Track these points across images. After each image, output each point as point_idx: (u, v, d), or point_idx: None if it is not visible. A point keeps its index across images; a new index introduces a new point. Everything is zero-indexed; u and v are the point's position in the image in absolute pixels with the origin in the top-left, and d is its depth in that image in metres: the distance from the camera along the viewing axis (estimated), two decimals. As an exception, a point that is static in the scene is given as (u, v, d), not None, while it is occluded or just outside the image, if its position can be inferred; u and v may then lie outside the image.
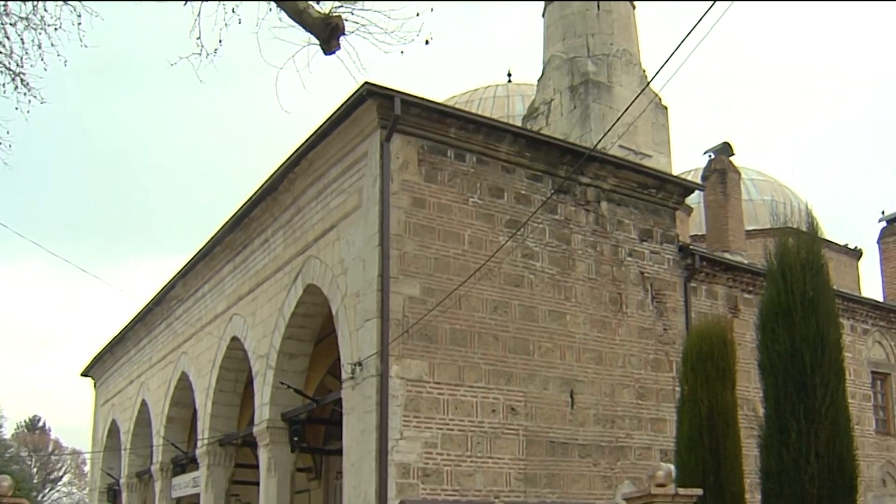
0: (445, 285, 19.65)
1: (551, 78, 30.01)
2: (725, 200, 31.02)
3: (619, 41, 29.87)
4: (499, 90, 40.41)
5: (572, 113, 28.82)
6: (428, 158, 20.23)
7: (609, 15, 30.15)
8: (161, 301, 31.70)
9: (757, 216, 38.16)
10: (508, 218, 20.98)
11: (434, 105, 20.59)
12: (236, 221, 25.34)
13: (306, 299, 22.50)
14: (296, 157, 22.01)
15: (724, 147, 32.22)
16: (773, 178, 43.04)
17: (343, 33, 11.22)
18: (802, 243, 16.38)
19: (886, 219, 35.98)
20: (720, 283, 25.21)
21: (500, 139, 21.12)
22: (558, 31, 30.41)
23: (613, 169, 22.83)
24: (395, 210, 19.52)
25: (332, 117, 20.45)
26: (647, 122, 28.67)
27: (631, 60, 29.87)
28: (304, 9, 11.15)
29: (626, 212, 23.02)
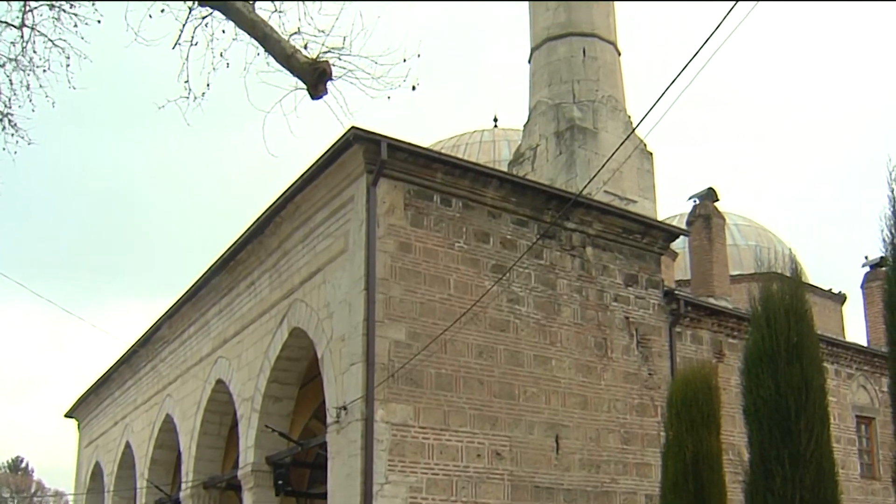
0: (431, 329, 19.67)
1: (537, 123, 30.20)
2: (710, 246, 31.16)
3: (604, 87, 30.09)
4: (485, 135, 40.62)
5: (558, 158, 28.98)
6: (414, 203, 20.31)
7: (595, 62, 30.38)
8: (146, 343, 31.63)
9: (742, 261, 38.30)
10: (494, 263, 21.04)
11: (420, 150, 20.69)
12: (222, 264, 25.36)
13: (292, 343, 22.49)
14: (282, 201, 22.07)
15: (709, 193, 32.40)
16: (758, 224, 43.26)
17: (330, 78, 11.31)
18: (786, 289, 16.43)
19: (869, 264, 36.19)
20: (705, 328, 25.26)
21: (487, 184, 21.22)
22: (544, 77, 30.63)
23: (599, 214, 22.93)
24: (382, 254, 19.57)
25: (319, 161, 20.54)
26: (632, 167, 28.84)
27: (616, 107, 30.08)
28: (292, 54, 11.25)
29: (611, 257, 23.10)
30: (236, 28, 11.52)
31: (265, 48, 11.34)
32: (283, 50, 11.23)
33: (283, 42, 11.30)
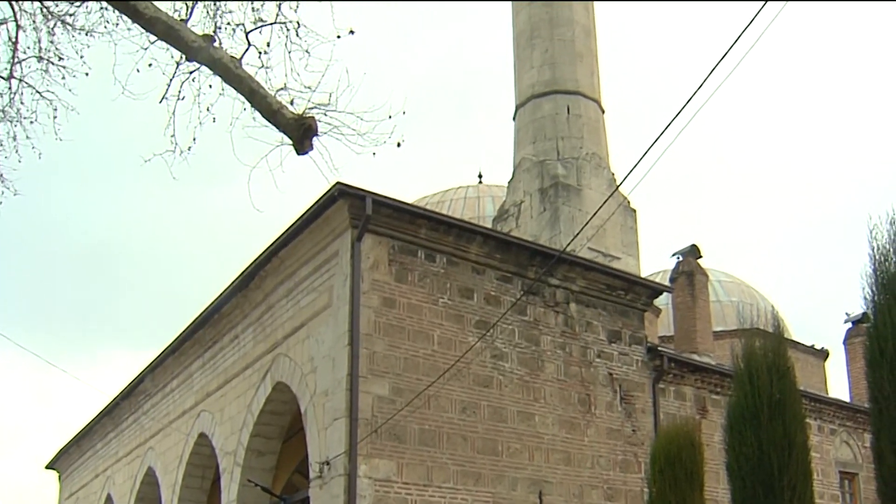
0: (415, 385, 19.66)
1: (522, 180, 30.36)
2: (693, 302, 31.24)
3: (588, 145, 30.30)
4: (470, 191, 40.78)
5: (542, 215, 29.11)
6: (398, 258, 20.37)
7: (579, 119, 30.62)
8: (129, 395, 31.48)
9: (725, 317, 38.41)
10: (478, 319, 21.08)
11: (405, 206, 20.79)
12: (206, 317, 25.34)
13: (275, 397, 22.43)
14: (267, 255, 22.11)
15: (692, 249, 32.53)
16: (741, 280, 43.42)
17: (316, 134, 11.39)
18: (769, 346, 16.51)
19: (851, 319, 36.33)
20: (688, 385, 25.28)
21: (471, 240, 21.30)
22: (529, 135, 30.84)
23: (582, 271, 23.01)
24: (366, 309, 19.60)
25: (304, 216, 20.61)
26: (615, 224, 28.98)
27: (600, 164, 30.28)
28: (278, 109, 11.33)
29: (594, 313, 23.16)
30: (223, 83, 11.61)
31: (251, 103, 11.43)
32: (269, 105, 11.31)
33: (270, 97, 11.39)
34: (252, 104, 11.43)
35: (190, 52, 11.22)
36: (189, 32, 11.21)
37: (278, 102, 11.40)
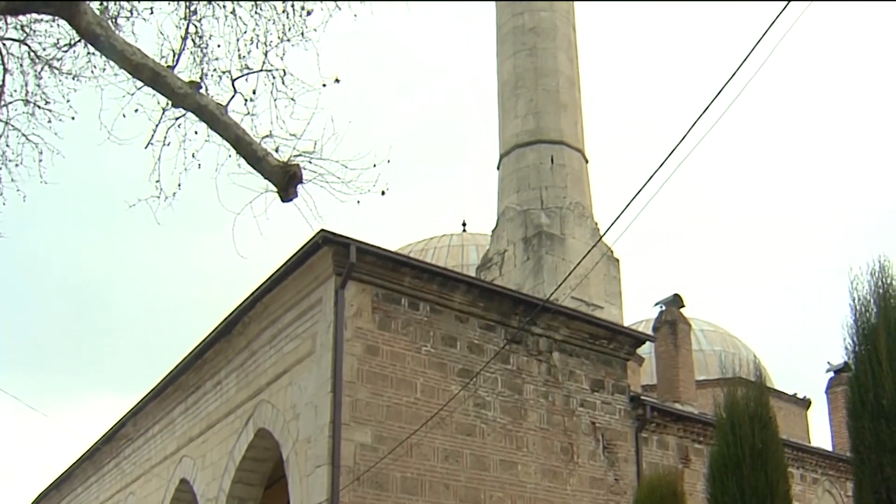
0: (397, 433, 19.62)
1: (505, 229, 30.45)
2: (676, 351, 31.30)
3: (572, 194, 30.43)
4: (454, 239, 40.85)
5: (525, 264, 29.18)
6: (382, 306, 20.40)
7: (562, 169, 30.76)
8: (110, 440, 31.30)
9: (707, 366, 38.46)
10: (461, 367, 21.08)
11: (389, 254, 20.85)
12: (189, 362, 25.28)
13: (257, 443, 22.35)
14: (251, 301, 22.11)
15: (675, 299, 32.64)
16: (723, 330, 43.54)
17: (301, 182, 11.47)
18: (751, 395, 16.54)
19: (833, 369, 36.42)
20: (671, 434, 25.27)
21: (454, 289, 21.35)
22: (513, 184, 30.96)
23: (566, 320, 23.06)
24: (349, 357, 19.60)
25: (288, 263, 20.64)
26: (599, 274, 29.05)
27: (584, 213, 30.39)
28: (264, 156, 11.41)
29: (577, 362, 23.18)
30: (209, 129, 11.69)
31: (237, 150, 11.51)
32: (254, 152, 11.39)
33: (255, 144, 11.48)
34: (237, 151, 11.51)
35: (176, 98, 11.31)
36: (175, 79, 11.31)
37: (263, 150, 11.48)
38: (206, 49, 13.10)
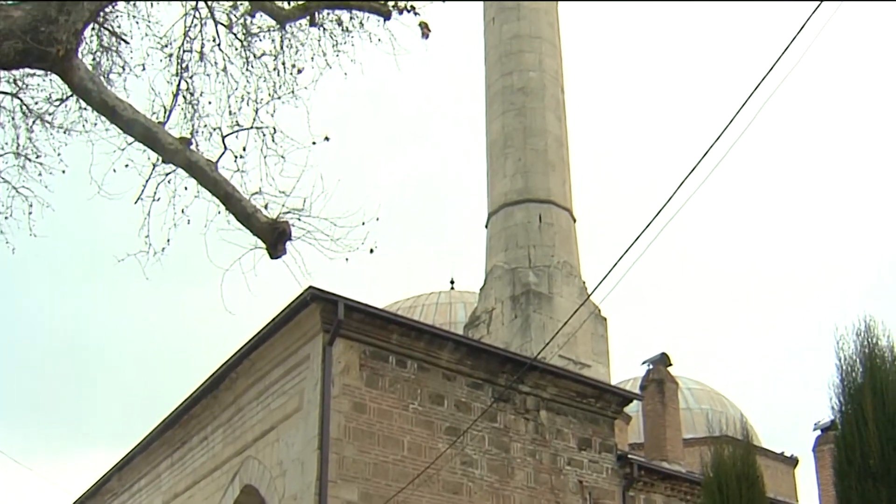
0: (384, 491, 19.54)
1: (493, 287, 30.49)
2: (663, 410, 31.29)
3: (559, 253, 30.51)
4: (442, 297, 40.87)
5: (513, 322, 29.20)
6: (370, 363, 20.40)
7: (550, 228, 30.88)
8: (95, 494, 31.04)
9: (695, 425, 38.41)
10: (448, 425, 21.05)
11: (377, 311, 20.89)
12: (176, 417, 25.17)
13: (243, 500, 22.21)
14: (238, 357, 22.08)
15: (662, 358, 32.67)
16: (710, 388, 43.53)
17: (290, 239, 11.53)
18: (738, 454, 16.56)
19: (821, 427, 36.37)
20: (658, 492, 25.18)
21: (442, 346, 21.36)
22: (501, 242, 31.05)
23: (553, 378, 23.06)
24: (336, 414, 19.56)
25: (276, 319, 20.65)
26: (586, 332, 29.08)
27: (571, 272, 30.47)
28: (253, 213, 11.47)
29: (565, 421, 23.14)
30: (199, 186, 11.75)
31: (226, 206, 11.57)
32: (244, 209, 11.45)
33: (245, 201, 11.54)
34: (227, 207, 11.57)
35: (167, 154, 11.39)
36: (166, 135, 11.39)
37: (253, 206, 11.55)
38: (197, 105, 13.21)
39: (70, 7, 9.86)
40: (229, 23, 13.96)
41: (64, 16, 9.83)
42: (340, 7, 13.26)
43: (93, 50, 13.84)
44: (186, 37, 13.72)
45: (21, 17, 9.68)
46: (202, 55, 13.64)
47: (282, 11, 13.23)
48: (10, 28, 9.58)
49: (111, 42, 14.06)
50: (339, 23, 13.56)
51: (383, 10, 12.95)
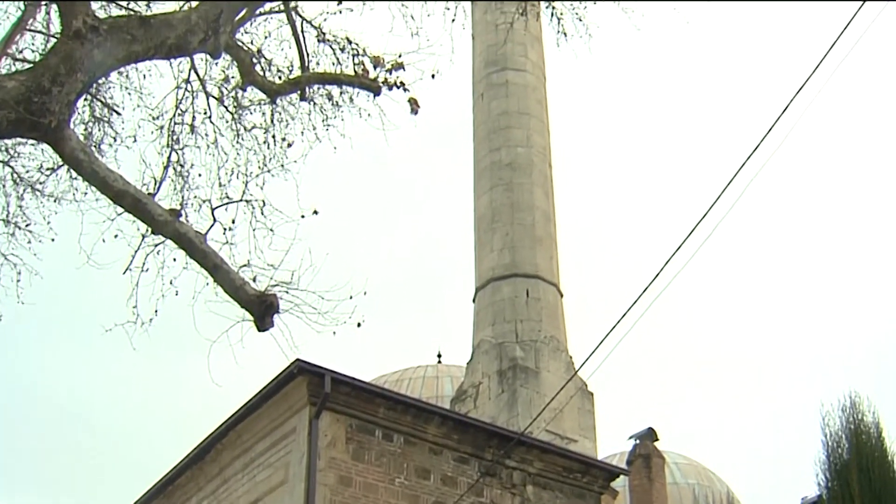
0: (369, 565, 19.39)
1: (480, 361, 30.49)
2: (650, 485, 31.13)
3: (547, 328, 30.56)
4: (429, 371, 40.81)
5: (500, 397, 29.16)
6: (356, 437, 20.31)
7: (537, 302, 30.94)
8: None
9: (682, 500, 38.20)
10: (434, 500, 20.91)
11: (364, 385, 20.85)
12: (161, 488, 24.95)
13: (227, 574, 22.03)
14: (224, 429, 21.97)
15: (649, 433, 32.56)
16: (697, 462, 43.37)
17: (277, 312, 11.57)
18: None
19: (807, 503, 36.24)
20: (645, 571, 25.06)
21: (429, 420, 21.30)
22: (488, 317, 31.10)
23: (539, 453, 22.96)
24: (322, 487, 19.43)
25: (263, 392, 20.59)
26: (573, 407, 29.05)
27: (558, 347, 30.49)
28: (241, 285, 11.52)
29: (551, 496, 23.01)
30: (187, 257, 11.82)
31: (215, 279, 11.62)
32: (232, 281, 11.50)
33: (233, 274, 11.59)
34: (215, 279, 11.62)
35: (156, 225, 11.45)
36: (156, 206, 11.46)
37: (241, 279, 11.60)
38: (187, 177, 13.34)
39: (63, 78, 9.96)
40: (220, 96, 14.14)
41: (57, 87, 9.92)
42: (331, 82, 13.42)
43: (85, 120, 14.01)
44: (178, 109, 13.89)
45: (14, 87, 9.77)
46: (193, 127, 13.80)
47: (273, 86, 13.41)
48: (3, 98, 9.66)
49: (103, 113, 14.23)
50: (329, 97, 13.75)
51: (373, 85, 13.12)
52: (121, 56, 10.64)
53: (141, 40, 10.68)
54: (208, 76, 14.48)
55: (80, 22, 10.27)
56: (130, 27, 10.73)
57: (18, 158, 13.40)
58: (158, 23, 10.93)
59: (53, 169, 13.30)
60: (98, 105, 14.48)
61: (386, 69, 13.09)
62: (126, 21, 10.99)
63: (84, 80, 10.31)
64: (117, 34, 10.53)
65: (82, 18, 10.31)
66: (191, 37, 11.01)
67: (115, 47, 10.46)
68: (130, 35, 10.63)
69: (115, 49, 10.47)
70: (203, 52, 11.88)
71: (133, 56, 10.81)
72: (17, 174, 13.41)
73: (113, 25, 10.64)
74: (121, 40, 10.53)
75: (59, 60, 10.06)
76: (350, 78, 13.33)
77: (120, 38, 10.53)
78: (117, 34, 10.53)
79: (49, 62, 10.15)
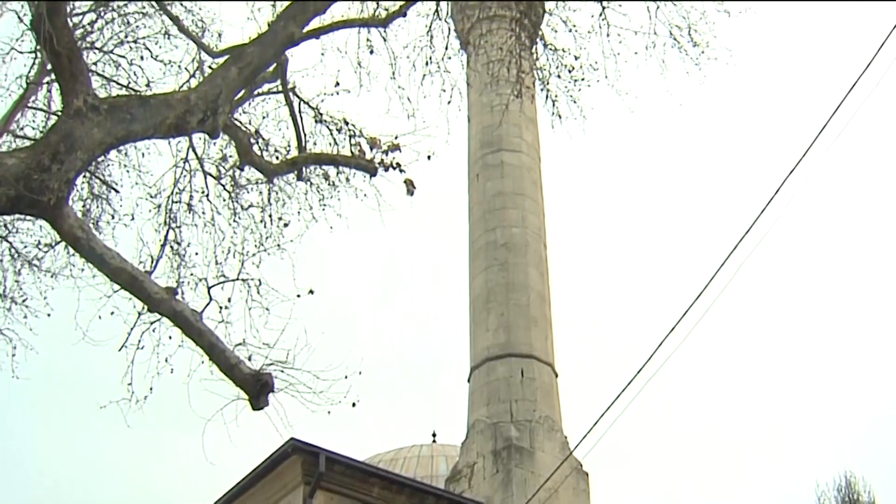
0: None
1: (475, 441, 30.34)
2: (645, 570, 30.92)
3: (541, 408, 30.44)
4: (423, 450, 40.56)
5: (495, 476, 28.98)
6: (350, 516, 20.20)
7: (532, 382, 30.87)
8: None
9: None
10: (428, 578, 20.78)
11: (358, 464, 20.77)
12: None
13: None
14: (217, 510, 21.85)
15: (645, 516, 32.43)
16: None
17: (272, 391, 11.56)
18: None
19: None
20: None
21: (423, 500, 21.21)
22: (483, 397, 31.00)
23: (534, 534, 22.85)
24: (314, 568, 19.31)
25: (257, 470, 20.48)
26: (568, 487, 28.85)
27: (553, 427, 30.37)
28: (236, 364, 11.52)
29: (546, 578, 22.85)
30: (183, 335, 11.83)
31: (210, 357, 11.62)
32: (227, 360, 11.51)
33: (228, 352, 11.60)
34: (210, 358, 11.63)
35: (152, 303, 11.49)
36: (152, 284, 11.50)
37: (236, 357, 11.61)
38: (184, 256, 13.40)
39: (63, 156, 10.04)
40: (218, 174, 14.25)
41: (57, 164, 9.99)
42: (327, 163, 13.54)
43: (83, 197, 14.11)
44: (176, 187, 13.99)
45: (15, 164, 9.85)
46: (190, 206, 13.89)
47: (270, 165, 13.52)
48: (2, 175, 9.73)
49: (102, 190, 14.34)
50: (325, 177, 13.86)
51: (369, 166, 13.24)
52: (120, 135, 10.73)
53: (140, 120, 10.78)
54: (206, 155, 14.61)
55: (81, 101, 10.39)
56: (130, 107, 10.84)
57: (17, 234, 13.50)
58: (158, 103, 11.04)
59: (51, 245, 13.38)
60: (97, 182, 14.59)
61: (382, 150, 13.21)
62: (126, 100, 11.10)
63: (83, 159, 10.39)
64: (117, 113, 10.63)
65: (83, 97, 10.43)
66: (189, 117, 11.12)
67: (114, 126, 10.56)
68: (130, 114, 10.73)
69: (115, 128, 10.57)
70: (201, 132, 11.98)
71: (132, 135, 10.91)
72: (14, 249, 13.50)
73: (113, 105, 10.75)
74: (120, 119, 10.63)
75: (60, 138, 10.14)
76: (347, 159, 13.44)
77: (120, 118, 10.63)
78: (117, 113, 10.63)
79: (49, 140, 10.23)
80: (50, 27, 10.15)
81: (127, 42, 15.70)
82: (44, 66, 14.92)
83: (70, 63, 10.51)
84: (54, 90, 14.41)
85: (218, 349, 11.54)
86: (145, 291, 11.39)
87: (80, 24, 15.37)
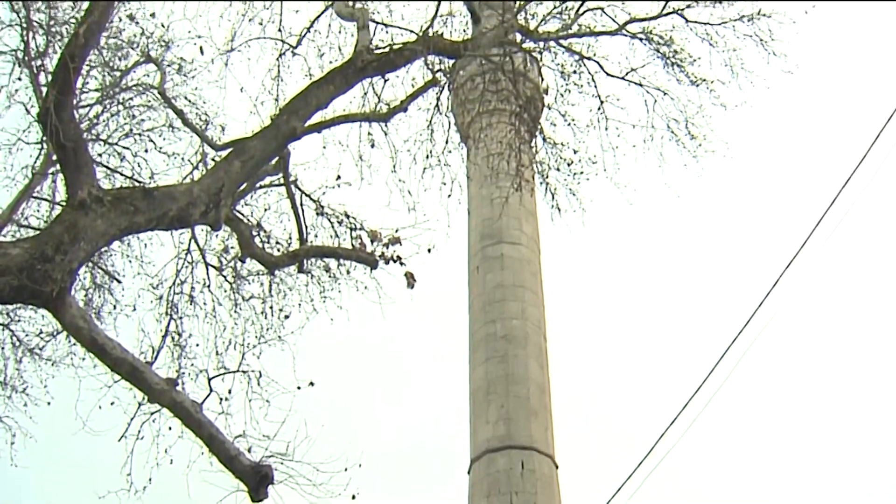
0: None
1: (475, 535, 30.12)
2: None
3: (542, 500, 30.15)
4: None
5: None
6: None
7: (532, 474, 30.70)
8: None
9: None
10: None
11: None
12: None
13: None
14: None
15: None
16: None
17: (272, 483, 11.53)
18: None
19: None
20: None
21: None
22: (483, 489, 30.80)
23: None
24: None
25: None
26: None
27: (553, 517, 30.17)
28: (236, 455, 11.50)
29: None
30: (183, 426, 11.81)
31: (210, 448, 11.59)
32: (227, 451, 11.48)
33: (228, 444, 11.57)
34: (210, 449, 11.60)
35: (153, 394, 11.48)
36: (153, 375, 11.51)
37: (236, 449, 11.58)
38: (184, 347, 13.42)
39: (66, 247, 10.10)
40: (220, 266, 14.32)
41: (60, 255, 10.05)
42: (329, 255, 13.62)
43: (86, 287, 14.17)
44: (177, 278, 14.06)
45: (18, 254, 9.90)
46: (192, 297, 13.94)
47: (271, 258, 13.60)
48: (6, 265, 9.77)
49: (104, 280, 14.41)
50: (326, 270, 13.93)
51: (370, 259, 13.31)
52: (123, 226, 10.80)
53: (143, 211, 10.85)
54: (208, 246, 14.69)
55: (85, 192, 10.47)
56: (133, 199, 10.91)
57: (18, 322, 13.54)
58: (161, 195, 11.12)
59: (53, 334, 13.41)
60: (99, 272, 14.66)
61: (383, 243, 13.29)
62: (129, 192, 11.18)
63: (87, 250, 10.45)
64: (120, 205, 10.71)
65: (87, 189, 10.51)
66: (192, 209, 11.20)
67: (118, 218, 10.63)
68: (133, 206, 10.80)
69: (118, 220, 10.64)
70: (204, 224, 12.06)
71: (135, 227, 10.98)
72: (16, 338, 13.53)
73: (117, 196, 10.82)
74: (124, 211, 10.70)
75: (63, 229, 10.21)
76: (348, 251, 13.52)
77: (123, 210, 10.70)
78: (120, 205, 10.71)
79: (53, 230, 10.30)
80: (56, 120, 10.27)
81: (132, 134, 15.87)
82: (49, 157, 15.06)
83: (75, 155, 10.62)
84: (59, 181, 14.54)
85: (218, 440, 11.51)
86: (146, 382, 11.39)
87: (86, 115, 15.56)
